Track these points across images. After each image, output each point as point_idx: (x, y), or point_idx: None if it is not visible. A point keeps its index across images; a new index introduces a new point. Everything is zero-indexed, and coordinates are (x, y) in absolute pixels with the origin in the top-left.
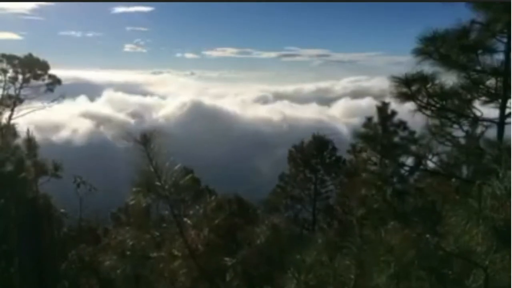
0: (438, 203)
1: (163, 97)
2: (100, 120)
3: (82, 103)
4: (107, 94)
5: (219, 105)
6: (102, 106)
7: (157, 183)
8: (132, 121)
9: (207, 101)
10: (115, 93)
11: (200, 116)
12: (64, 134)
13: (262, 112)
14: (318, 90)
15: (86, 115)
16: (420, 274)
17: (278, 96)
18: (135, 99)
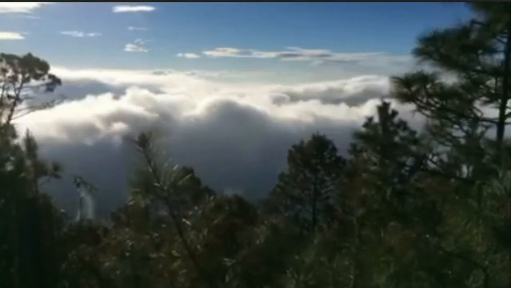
0: (438, 203)
1: (191, 97)
2: (131, 120)
3: (106, 102)
4: (132, 92)
5: (250, 105)
6: (129, 105)
7: (156, 183)
8: (163, 120)
9: (235, 101)
10: (140, 91)
11: (231, 116)
12: (95, 135)
13: (291, 112)
14: (329, 90)
15: (115, 115)
16: (420, 274)
17: (294, 97)
18: (162, 98)
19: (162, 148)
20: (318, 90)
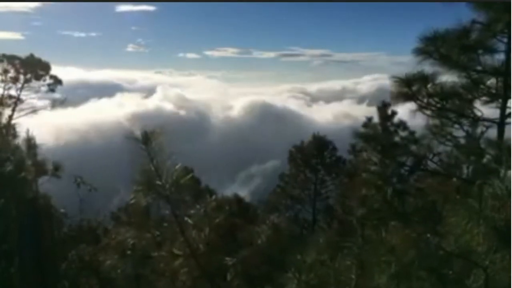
0: (438, 203)
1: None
2: (167, 119)
3: (138, 101)
4: (162, 92)
5: (285, 105)
6: (163, 104)
7: (158, 182)
8: (200, 119)
9: (269, 101)
10: (171, 90)
11: (266, 116)
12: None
13: (326, 113)
14: (343, 90)
15: (150, 114)
16: (420, 274)
17: (315, 97)
18: (195, 97)
19: (164, 146)
20: (331, 90)
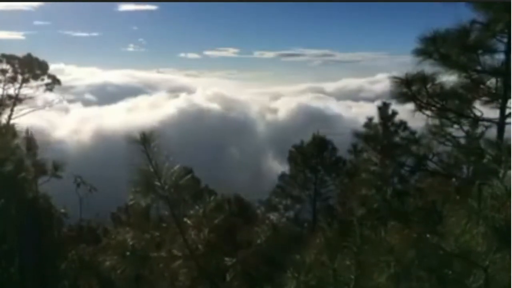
0: (438, 203)
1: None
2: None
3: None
4: (204, 92)
5: (328, 107)
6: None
7: (157, 183)
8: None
9: (307, 102)
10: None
11: (312, 117)
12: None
13: (365, 112)
14: (360, 88)
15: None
16: (420, 274)
17: (338, 97)
18: (235, 97)
19: (163, 148)
20: (347, 89)
